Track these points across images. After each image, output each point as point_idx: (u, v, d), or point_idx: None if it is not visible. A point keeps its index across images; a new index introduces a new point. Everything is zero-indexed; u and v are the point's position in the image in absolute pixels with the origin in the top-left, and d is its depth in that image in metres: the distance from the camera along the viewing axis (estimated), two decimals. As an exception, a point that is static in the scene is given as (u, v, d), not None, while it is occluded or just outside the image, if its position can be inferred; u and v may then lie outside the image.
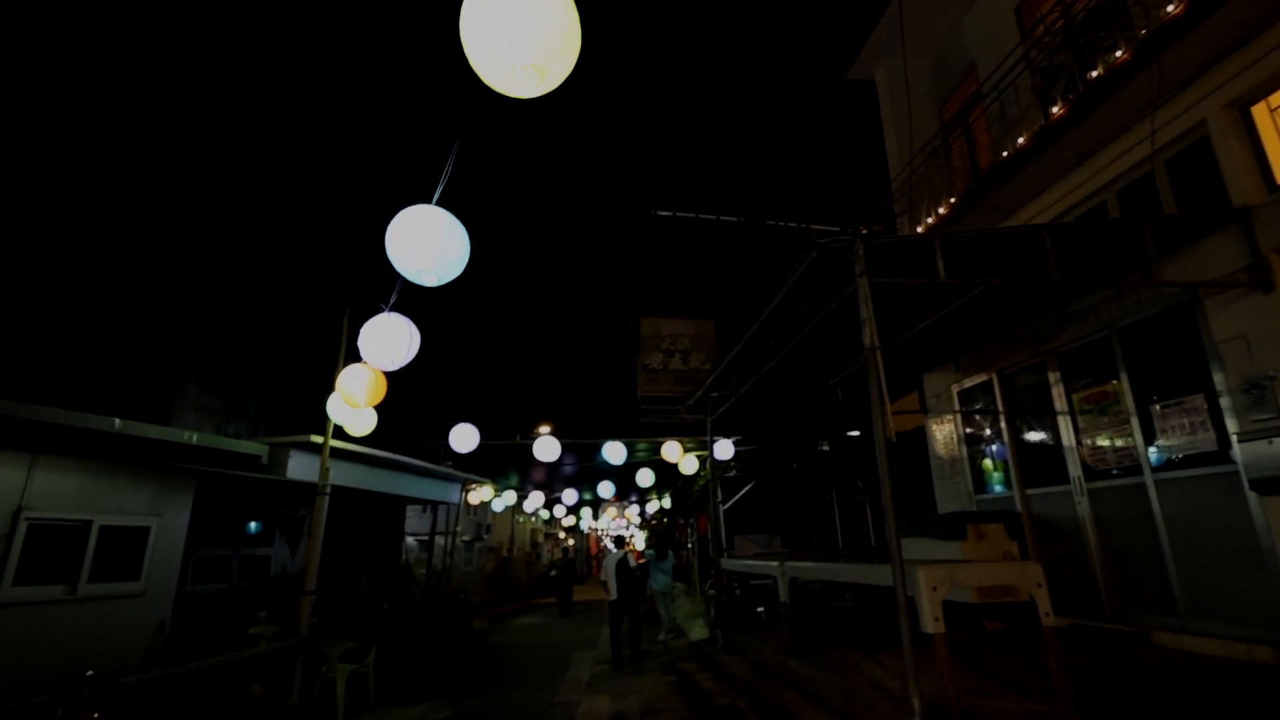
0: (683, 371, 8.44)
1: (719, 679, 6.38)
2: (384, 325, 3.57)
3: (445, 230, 2.56)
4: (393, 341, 3.55)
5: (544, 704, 6.90)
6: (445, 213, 2.59)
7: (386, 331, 3.56)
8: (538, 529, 25.23)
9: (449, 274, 2.67)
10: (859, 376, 8.66)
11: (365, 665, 6.87)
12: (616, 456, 8.57)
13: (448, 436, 9.19)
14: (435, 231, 2.54)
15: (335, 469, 7.03)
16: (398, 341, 3.56)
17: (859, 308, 3.95)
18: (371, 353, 3.58)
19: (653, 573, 10.67)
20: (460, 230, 2.61)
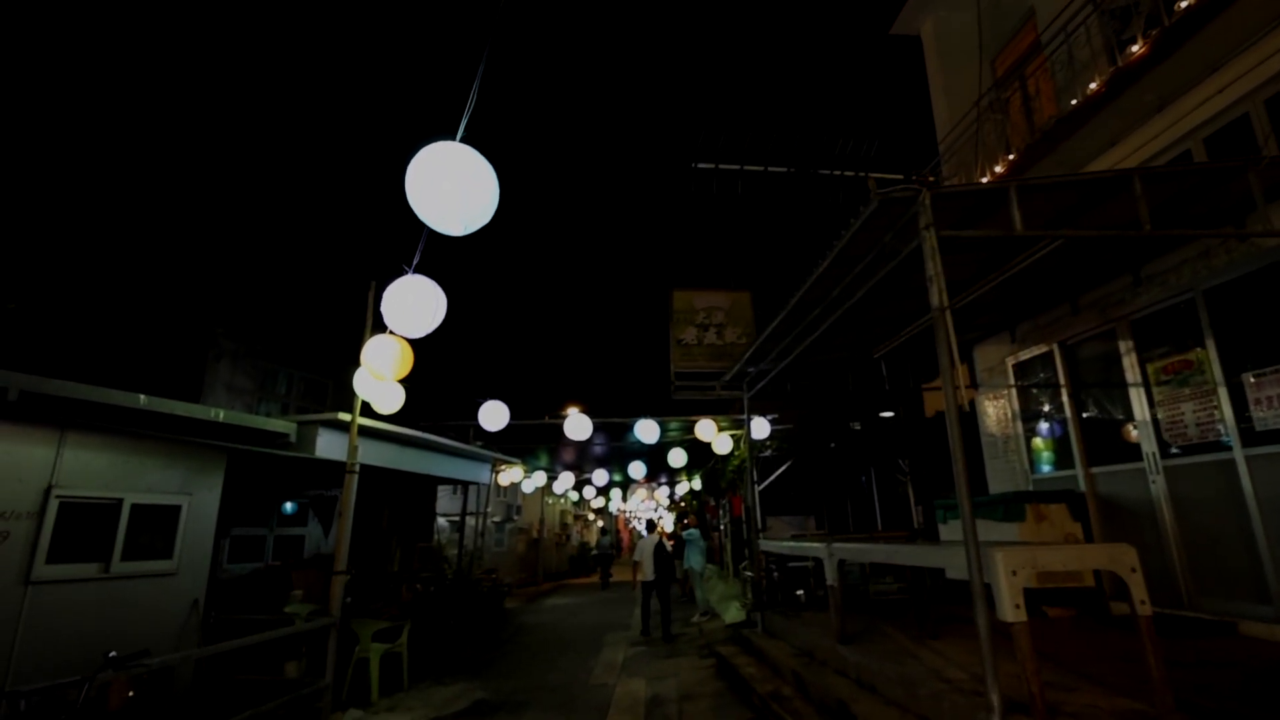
0: (718, 346, 8.09)
1: (760, 664, 6.13)
2: (408, 288, 3.33)
3: (471, 170, 2.28)
4: (418, 306, 3.31)
5: (578, 686, 6.74)
6: (470, 150, 2.30)
7: (411, 295, 3.31)
8: (567, 511, 25.26)
9: (476, 221, 2.39)
10: (905, 350, 8.23)
11: (398, 645, 6.79)
12: (649, 435, 8.31)
13: (477, 416, 9.04)
14: (460, 172, 2.26)
15: (364, 447, 6.89)
16: (423, 305, 3.31)
17: (924, 264, 3.57)
18: (396, 319, 3.34)
19: (689, 552, 10.64)
20: (488, 170, 2.32)
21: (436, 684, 7.02)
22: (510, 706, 6.03)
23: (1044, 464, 7.13)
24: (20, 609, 4.51)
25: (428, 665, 7.90)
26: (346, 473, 5.95)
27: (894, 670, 4.15)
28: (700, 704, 5.70)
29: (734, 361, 7.62)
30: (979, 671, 3.95)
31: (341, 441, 6.33)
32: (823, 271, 4.70)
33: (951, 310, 6.52)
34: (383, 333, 4.42)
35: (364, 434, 6.83)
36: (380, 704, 6.22)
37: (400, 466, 7.57)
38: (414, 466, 7.90)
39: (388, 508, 12.53)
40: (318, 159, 12.44)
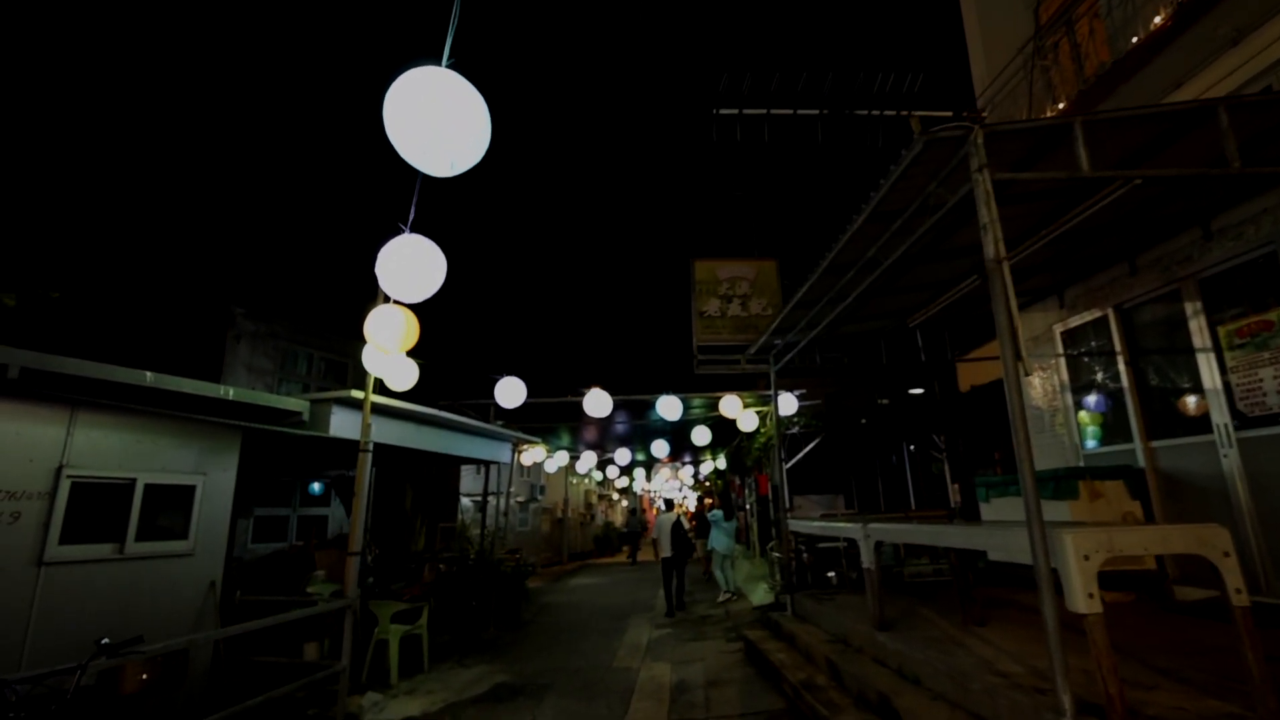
0: (742, 318, 7.72)
1: (791, 650, 5.85)
2: (403, 249, 3.05)
3: (457, 100, 1.96)
4: (415, 268, 3.03)
5: (601, 669, 6.55)
6: (455, 76, 1.97)
7: (407, 256, 3.04)
8: (591, 490, 25.22)
9: (465, 159, 2.08)
10: (942, 318, 7.76)
11: (418, 627, 6.66)
12: (671, 412, 8.02)
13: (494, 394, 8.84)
14: (444, 102, 1.94)
15: (379, 426, 6.73)
16: (421, 268, 3.03)
17: (976, 211, 3.17)
18: (392, 283, 3.07)
19: (714, 533, 10.47)
20: (477, 101, 2.00)
21: (458, 666, 6.90)
22: (531, 690, 5.86)
23: (1095, 439, 6.68)
24: (34, 590, 4.42)
25: (449, 647, 7.80)
26: (360, 451, 5.77)
27: (941, 661, 3.83)
28: (728, 691, 5.45)
29: (759, 334, 7.26)
30: (1038, 665, 3.62)
31: (356, 420, 6.16)
32: (858, 229, 4.31)
33: (980, 283, 6.04)
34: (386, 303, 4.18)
35: (378, 412, 6.66)
36: (400, 686, 6.10)
37: (418, 446, 7.40)
38: (432, 446, 7.73)
39: (411, 487, 12.51)
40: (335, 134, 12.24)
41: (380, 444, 7.07)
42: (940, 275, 5.94)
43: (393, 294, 3.19)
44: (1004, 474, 7.32)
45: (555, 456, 15.00)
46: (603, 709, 5.26)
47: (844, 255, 4.78)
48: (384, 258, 3.02)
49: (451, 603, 9.09)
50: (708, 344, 7.57)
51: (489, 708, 5.42)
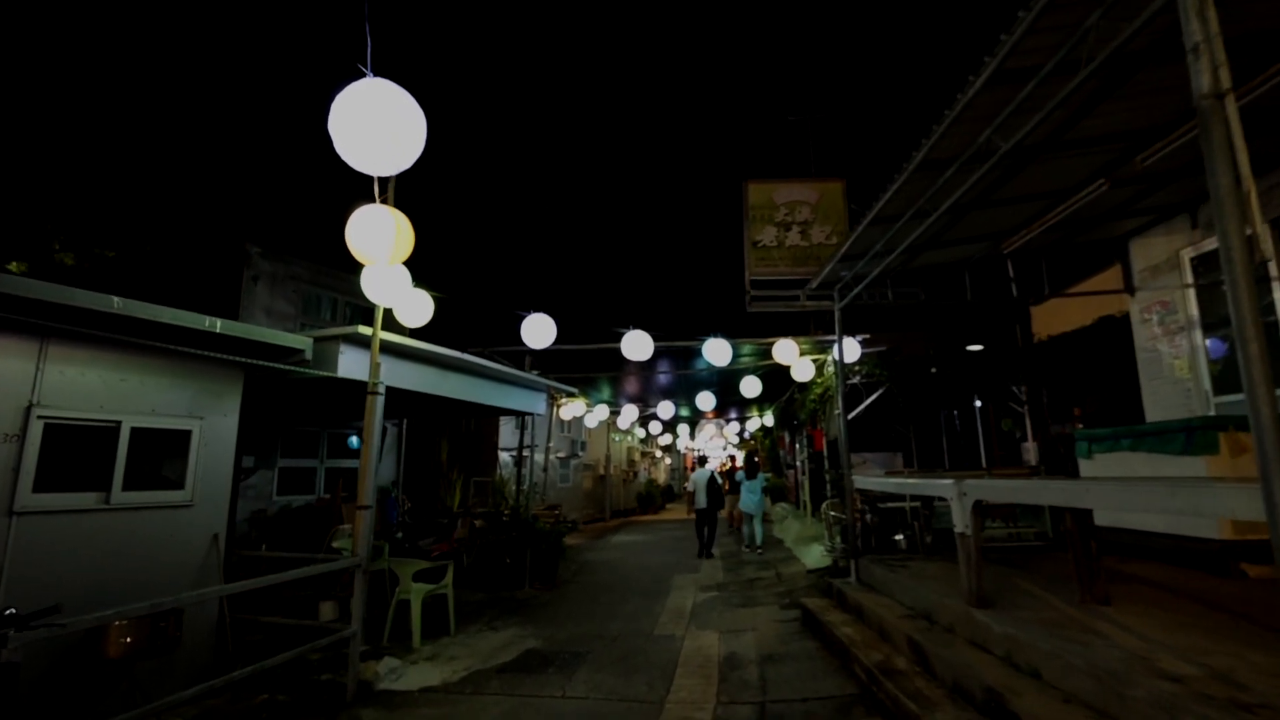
0: (802, 248, 6.71)
1: (859, 624, 5.06)
2: (366, 99, 2.23)
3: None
4: (382, 124, 2.22)
5: (641, 637, 5.91)
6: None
7: (370, 108, 2.22)
8: (634, 448, 24.74)
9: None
10: (1045, 245, 6.58)
11: (443, 586, 6.14)
12: (719, 357, 7.17)
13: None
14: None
15: (395, 369, 6.11)
16: (390, 124, 2.23)
17: (1181, 28, 2.15)
18: (353, 146, 2.28)
19: (744, 494, 11.09)
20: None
21: (487, 628, 6.39)
22: (563, 660, 5.26)
23: (1231, 385, 5.57)
24: (4, 543, 3.96)
25: (481, 606, 7.32)
26: (368, 394, 5.14)
27: (1075, 653, 2.97)
28: (786, 669, 4.72)
29: (822, 265, 6.27)
30: (1216, 664, 2.72)
31: (367, 360, 5.52)
32: (972, 97, 3.28)
33: (1108, 190, 4.91)
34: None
35: (393, 353, 6.02)
36: (422, 650, 5.60)
37: (442, 393, 6.78)
38: (459, 393, 7.10)
39: (448, 441, 12.11)
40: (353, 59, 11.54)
41: (403, 391, 6.47)
42: (1055, 181, 4.83)
43: (355, 163, 2.40)
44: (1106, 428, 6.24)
45: (595, 411, 14.38)
46: (641, 685, 4.60)
47: (945, 144, 3.76)
48: (338, 113, 2.22)
49: (485, 560, 8.64)
50: (762, 278, 6.62)
51: (515, 679, 4.84)
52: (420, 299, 5.32)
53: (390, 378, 6.02)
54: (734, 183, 6.94)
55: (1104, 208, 5.69)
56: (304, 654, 4.39)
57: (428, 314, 5.39)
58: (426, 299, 5.37)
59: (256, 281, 8.21)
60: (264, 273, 8.33)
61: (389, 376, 6.04)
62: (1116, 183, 4.81)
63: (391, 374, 6.05)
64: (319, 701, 4.62)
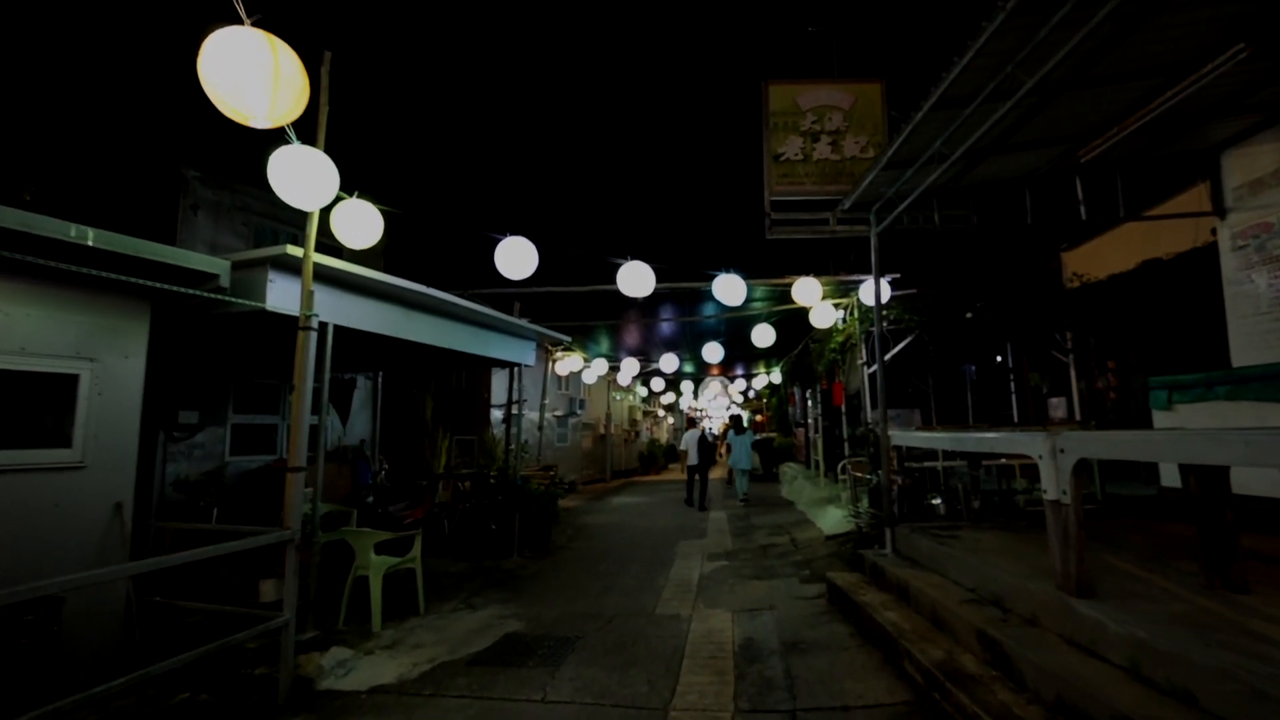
0: (832, 163, 5.61)
1: (903, 606, 4.17)
2: None
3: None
4: None
5: (641, 617, 5.07)
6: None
7: None
8: (636, 407, 23.91)
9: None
10: (1125, 157, 5.47)
11: (409, 560, 5.27)
12: (732, 296, 6.15)
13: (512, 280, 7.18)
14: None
15: (347, 305, 5.12)
16: None
17: None
18: None
19: (736, 451, 12.23)
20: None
21: (464, 606, 5.55)
22: (548, 648, 4.41)
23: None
24: None
25: (461, 579, 6.50)
26: (299, 329, 4.16)
27: (1247, 671, 2.04)
28: (817, 663, 3.85)
29: (861, 176, 5.19)
30: None
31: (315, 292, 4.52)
32: None
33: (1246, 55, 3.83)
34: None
35: (340, 283, 5.02)
36: (382, 635, 4.76)
37: (406, 336, 5.79)
38: (428, 338, 6.12)
39: (433, 397, 11.18)
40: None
41: (363, 336, 5.50)
42: (1172, 52, 3.72)
43: None
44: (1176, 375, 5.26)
45: (593, 365, 13.43)
46: (640, 684, 3.74)
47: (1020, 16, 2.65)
48: None
49: (469, 527, 7.81)
50: (785, 197, 5.53)
51: (487, 675, 3.99)
52: (363, 213, 4.28)
53: (339, 315, 5.05)
54: (751, 84, 5.78)
55: (1207, 101, 4.58)
56: (231, 644, 3.52)
57: (375, 231, 4.36)
58: (372, 214, 4.33)
59: (196, 211, 7.14)
60: (205, 201, 7.24)
61: (339, 314, 5.06)
62: (1256, 54, 3.70)
63: (341, 311, 5.06)
64: (247, 702, 3.79)
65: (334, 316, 5.02)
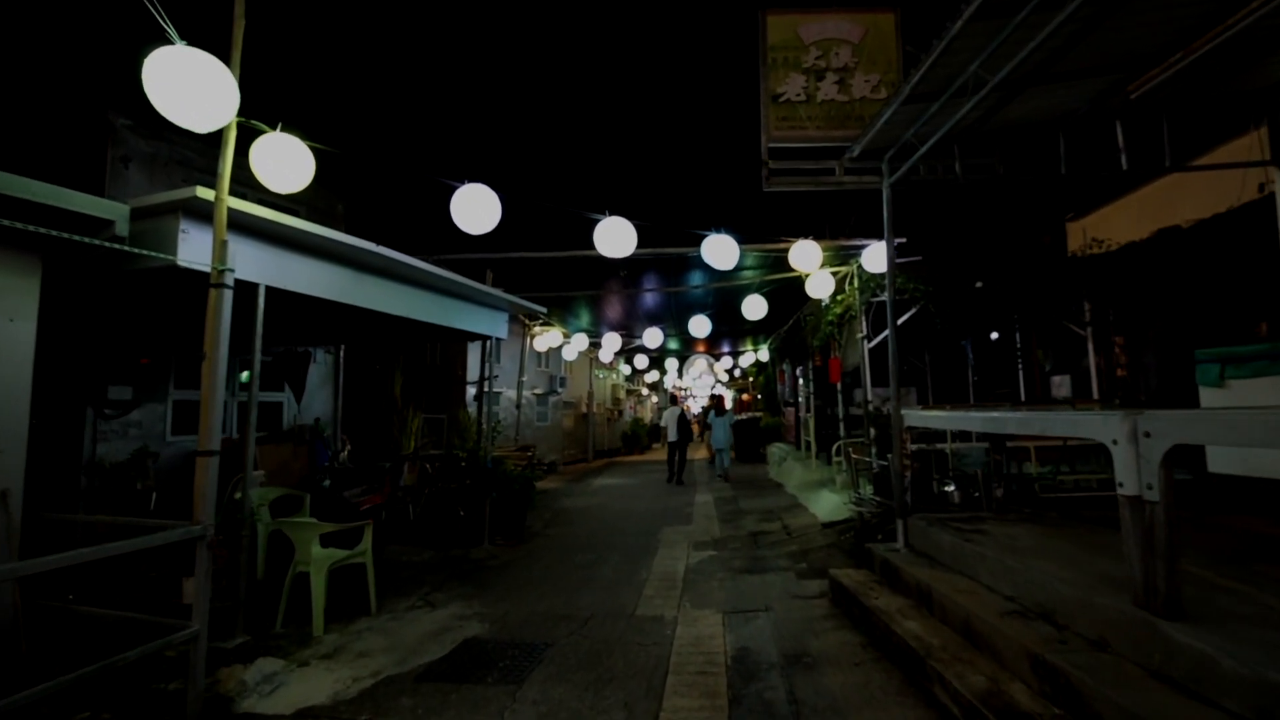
0: (840, 105, 4.92)
1: (925, 614, 3.60)
2: None
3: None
4: None
5: (620, 619, 4.48)
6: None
7: None
8: (619, 385, 23.30)
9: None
10: (1176, 95, 4.84)
11: (358, 554, 4.62)
12: (723, 258, 5.50)
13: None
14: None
15: (283, 264, 4.39)
16: None
17: None
18: None
19: (716, 430, 12.64)
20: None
21: (424, 603, 4.93)
22: (512, 658, 3.81)
23: None
24: None
25: (425, 571, 5.88)
26: (211, 286, 3.45)
27: None
28: (827, 683, 3.28)
29: (872, 121, 4.52)
30: None
31: (237, 246, 3.79)
32: None
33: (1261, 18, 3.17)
34: None
35: (275, 239, 4.30)
36: (325, 640, 4.13)
37: (355, 301, 5.08)
38: (382, 304, 5.41)
39: (401, 373, 10.44)
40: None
41: (304, 300, 4.76)
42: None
43: None
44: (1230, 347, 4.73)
45: (573, 341, 12.75)
46: (616, 708, 3.15)
47: None
48: None
49: (436, 512, 7.17)
50: (785, 143, 4.86)
51: (439, 694, 3.37)
52: (289, 150, 3.54)
53: (275, 276, 4.33)
54: (747, 12, 5.03)
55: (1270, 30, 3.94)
56: (115, 665, 2.88)
57: (303, 173, 3.64)
58: (300, 152, 3.60)
59: (128, 165, 6.30)
60: (139, 154, 6.40)
61: (275, 275, 4.35)
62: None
63: (277, 271, 4.35)
64: (150, 727, 3.16)
65: (268, 277, 4.31)
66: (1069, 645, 2.66)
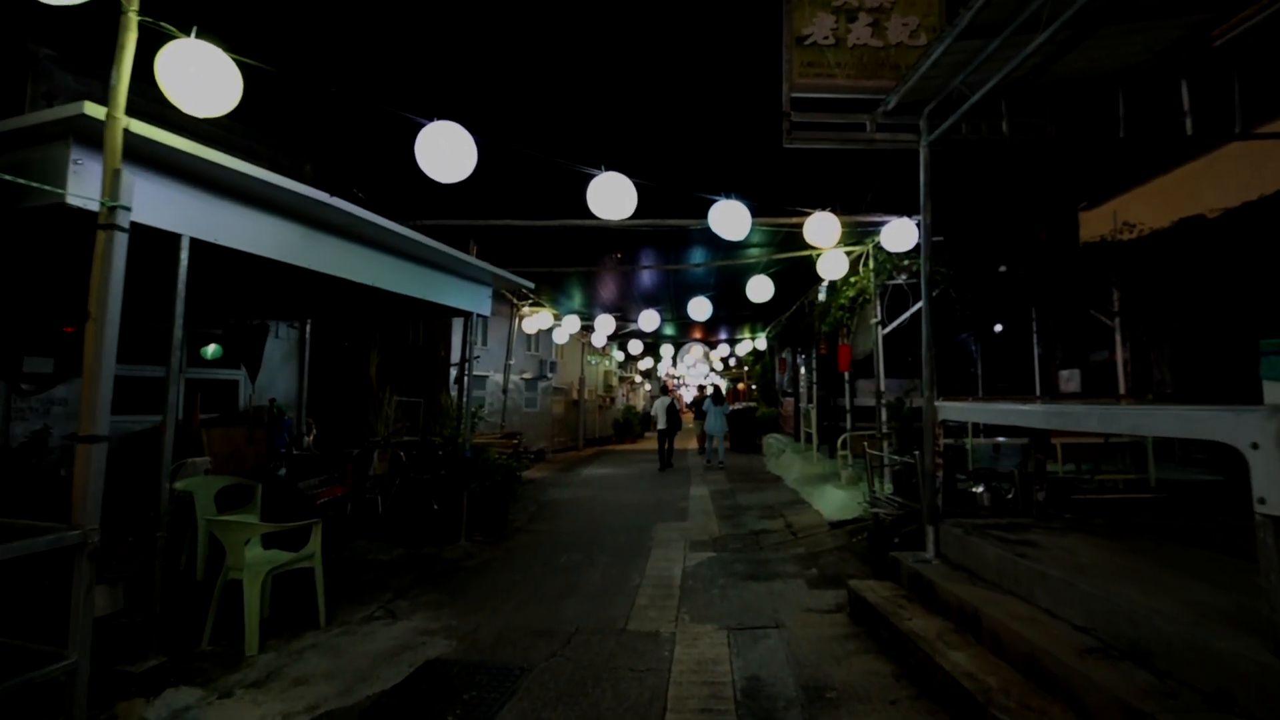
0: (873, 51, 4.25)
1: (972, 640, 3.01)
2: None
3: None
4: None
5: (608, 635, 3.88)
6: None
7: None
8: (611, 371, 22.68)
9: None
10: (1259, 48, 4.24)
11: (304, 557, 3.98)
12: (733, 227, 4.86)
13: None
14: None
15: (211, 211, 3.70)
16: None
17: None
18: None
19: (710, 419, 13.10)
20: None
21: (382, 613, 4.31)
22: (480, 686, 3.20)
23: None
24: None
25: (392, 571, 5.26)
26: (100, 228, 2.78)
27: None
28: (857, 714, 2.69)
29: (914, 66, 3.88)
30: None
31: (132, 179, 3.11)
32: None
33: None
34: None
35: (201, 181, 3.60)
36: (259, 662, 3.50)
37: (311, 265, 4.41)
38: (343, 270, 4.74)
39: (378, 352, 9.74)
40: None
41: (239, 256, 4.07)
42: None
43: None
44: None
45: (565, 323, 12.09)
46: (604, 760, 2.54)
47: None
48: None
49: (407, 505, 6.54)
50: (810, 92, 4.20)
51: (383, 737, 2.76)
52: (207, 62, 2.86)
53: (203, 227, 3.66)
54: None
55: None
56: None
57: (227, 92, 2.95)
58: (223, 65, 2.91)
59: (51, 103, 5.55)
60: (66, 91, 5.65)
61: (203, 225, 3.67)
62: None
63: (205, 221, 3.67)
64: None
65: (195, 228, 3.63)
66: (1180, 700, 2.07)
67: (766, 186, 6.54)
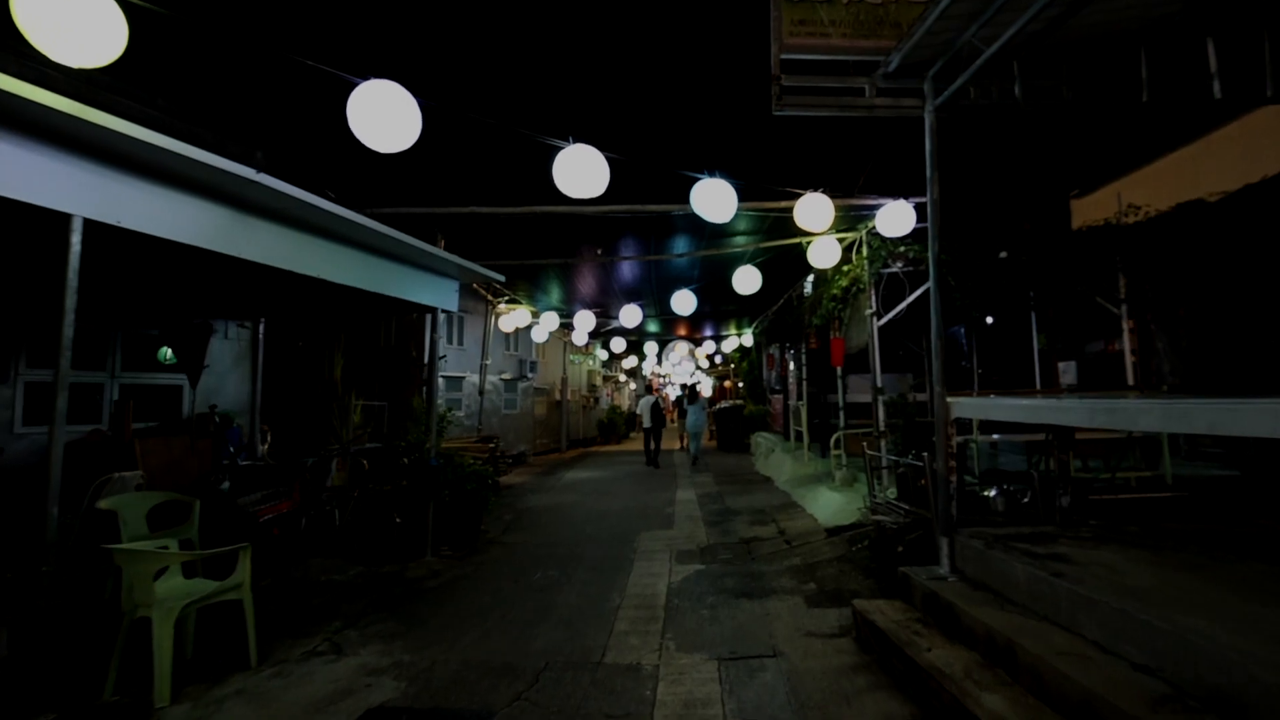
0: (871, 7, 3.78)
1: (1011, 681, 2.56)
2: None
3: None
4: None
5: (582, 670, 3.39)
6: None
7: None
8: (595, 371, 22.16)
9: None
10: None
11: (230, 587, 3.44)
12: (717, 207, 4.40)
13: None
14: None
15: (116, 189, 3.16)
16: None
17: None
18: None
19: (690, 417, 13.59)
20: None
21: (327, 648, 3.78)
22: (425, 746, 2.69)
23: None
24: None
25: (338, 598, 4.71)
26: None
27: None
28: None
29: (917, 22, 3.44)
30: None
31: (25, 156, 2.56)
32: None
33: None
34: None
35: (92, 150, 3.06)
36: (170, 715, 2.96)
37: (244, 254, 3.87)
38: (283, 260, 4.20)
39: (343, 354, 9.16)
40: None
41: (155, 242, 3.52)
42: None
43: None
44: None
45: (543, 320, 11.57)
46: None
47: None
48: None
49: (367, 518, 6.01)
50: (802, 54, 3.74)
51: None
52: None
53: (99, 205, 3.11)
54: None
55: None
56: None
57: (108, 38, 2.42)
58: (102, 5, 2.38)
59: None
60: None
61: (101, 205, 3.13)
62: None
63: (102, 199, 3.12)
64: None
65: (91, 207, 3.09)
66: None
67: (753, 167, 6.07)
